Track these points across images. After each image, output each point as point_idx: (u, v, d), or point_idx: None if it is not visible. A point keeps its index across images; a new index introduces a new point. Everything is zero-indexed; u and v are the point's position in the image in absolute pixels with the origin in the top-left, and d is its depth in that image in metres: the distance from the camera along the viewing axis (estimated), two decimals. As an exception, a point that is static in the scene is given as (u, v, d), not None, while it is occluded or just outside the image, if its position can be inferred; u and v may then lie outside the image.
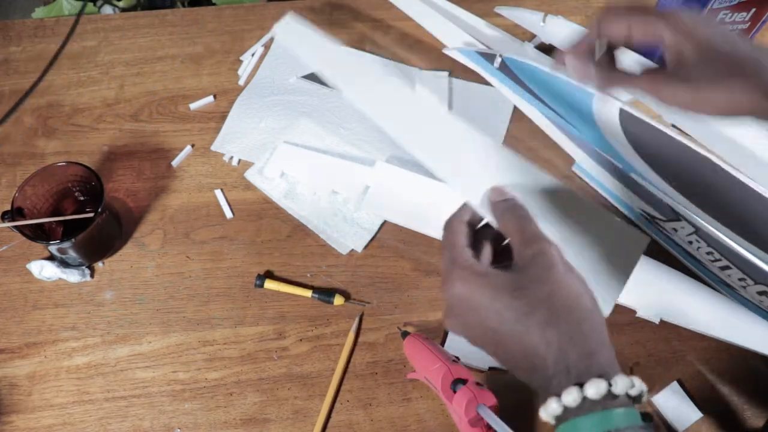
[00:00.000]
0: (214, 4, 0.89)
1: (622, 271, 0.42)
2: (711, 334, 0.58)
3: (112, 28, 0.82)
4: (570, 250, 0.38)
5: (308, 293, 0.62)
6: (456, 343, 0.60)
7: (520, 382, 0.36)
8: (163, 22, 0.82)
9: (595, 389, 0.31)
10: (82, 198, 0.65)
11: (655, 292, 0.60)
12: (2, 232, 0.66)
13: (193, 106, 0.75)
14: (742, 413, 0.58)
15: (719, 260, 0.58)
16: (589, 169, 0.66)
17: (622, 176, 0.62)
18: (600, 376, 0.32)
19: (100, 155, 0.71)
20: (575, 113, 0.61)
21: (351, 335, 0.60)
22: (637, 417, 0.32)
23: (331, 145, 0.71)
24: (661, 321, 0.59)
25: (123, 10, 0.91)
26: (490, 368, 0.59)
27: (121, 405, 0.58)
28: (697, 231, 0.58)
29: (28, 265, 0.63)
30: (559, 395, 0.32)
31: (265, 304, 0.63)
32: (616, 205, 0.67)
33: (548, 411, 0.33)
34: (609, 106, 0.57)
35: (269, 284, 0.63)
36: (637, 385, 0.33)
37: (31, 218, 0.60)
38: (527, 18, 0.72)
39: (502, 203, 0.39)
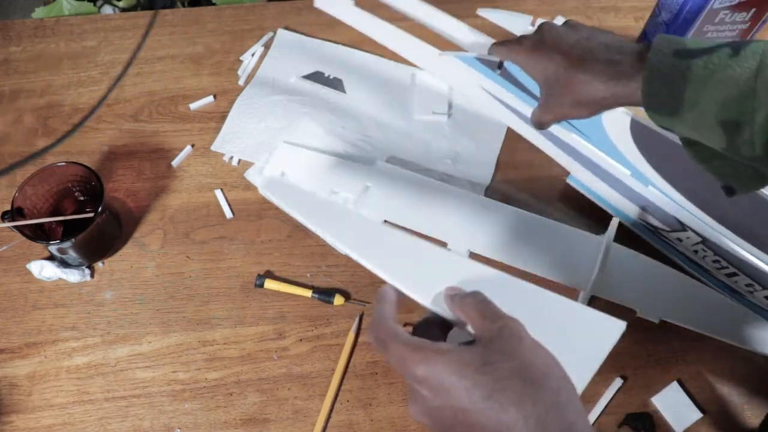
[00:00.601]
0: (214, 4, 0.89)
1: (593, 358, 0.39)
2: (711, 335, 0.58)
3: (112, 28, 0.82)
4: (540, 339, 0.36)
5: (308, 293, 0.62)
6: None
7: None
8: (163, 22, 0.82)
9: None
10: (82, 198, 0.65)
11: (655, 293, 0.60)
12: (2, 232, 0.66)
13: (193, 106, 0.75)
14: (742, 413, 0.58)
15: (726, 268, 0.58)
16: (584, 180, 0.65)
17: (624, 188, 0.61)
18: None
19: (100, 155, 0.71)
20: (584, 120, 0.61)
21: (351, 335, 0.60)
22: None
23: (331, 145, 0.71)
24: (661, 321, 0.59)
25: (123, 10, 0.91)
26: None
27: (121, 405, 0.58)
28: (704, 241, 0.57)
29: (28, 265, 0.63)
30: None
31: (265, 304, 0.63)
32: (614, 214, 0.65)
33: None
34: (618, 115, 0.56)
35: (269, 284, 0.63)
36: None
37: (31, 218, 0.60)
38: (513, 21, 0.67)
39: (461, 294, 0.38)
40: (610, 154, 0.60)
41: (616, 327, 0.39)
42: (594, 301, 0.61)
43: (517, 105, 0.62)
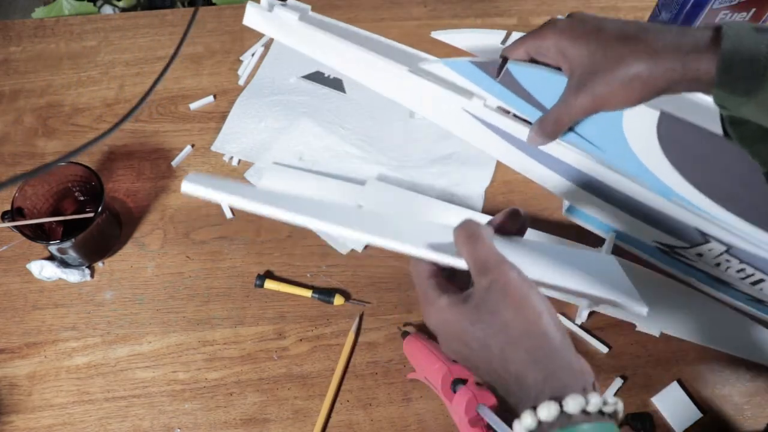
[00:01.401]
0: (214, 4, 0.89)
1: (622, 282, 0.43)
2: (712, 346, 0.58)
3: (112, 28, 0.82)
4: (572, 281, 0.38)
5: (308, 293, 0.62)
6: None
7: None
8: (163, 22, 0.82)
9: (546, 412, 0.32)
10: (82, 198, 0.65)
11: (653, 305, 0.60)
12: (2, 232, 0.66)
13: (193, 106, 0.75)
14: (742, 413, 0.58)
15: (752, 276, 0.56)
16: (584, 208, 0.60)
17: (636, 208, 0.56)
18: (554, 397, 0.32)
19: (100, 155, 0.71)
20: (597, 125, 0.54)
21: (351, 335, 0.60)
22: (608, 429, 0.33)
23: (331, 145, 0.71)
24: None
25: (123, 10, 0.91)
26: (490, 368, 0.59)
27: (121, 405, 0.58)
28: (729, 249, 0.54)
29: (28, 265, 0.63)
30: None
31: (265, 304, 0.63)
32: (621, 244, 0.61)
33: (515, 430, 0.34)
34: (644, 112, 0.49)
35: (269, 284, 0.63)
36: (610, 402, 0.33)
37: (31, 218, 0.60)
38: (481, 39, 0.57)
39: (461, 231, 0.39)
40: (627, 165, 0.54)
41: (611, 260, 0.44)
42: (593, 317, 0.61)
43: (511, 128, 0.55)
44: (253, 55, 0.79)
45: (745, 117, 0.42)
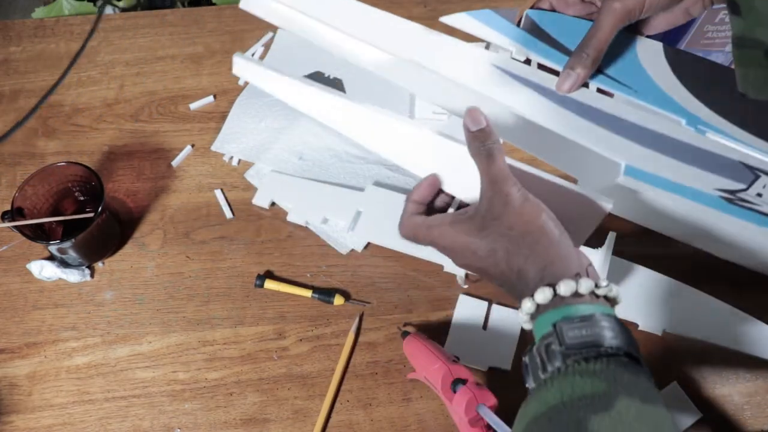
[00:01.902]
0: (214, 4, 0.89)
1: (580, 235, 0.47)
2: (714, 342, 0.58)
3: (112, 28, 0.82)
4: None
5: (308, 293, 0.62)
6: (456, 344, 0.60)
7: (520, 382, 0.39)
8: (163, 22, 0.82)
9: (542, 296, 0.37)
10: (82, 198, 0.65)
11: (655, 304, 0.60)
12: (2, 232, 0.66)
13: (193, 106, 0.75)
14: (742, 414, 0.58)
15: None
16: (642, 167, 0.52)
17: (681, 150, 0.52)
18: (550, 284, 0.38)
19: (100, 155, 0.71)
20: (621, 66, 0.53)
21: (351, 335, 0.60)
22: (601, 308, 0.37)
23: (331, 145, 0.71)
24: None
25: (123, 10, 0.91)
26: (490, 368, 0.59)
27: (121, 405, 0.58)
28: None
29: (28, 265, 0.63)
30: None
31: (265, 304, 0.63)
32: (687, 200, 0.53)
33: (519, 319, 0.40)
34: (652, 48, 0.52)
35: (269, 284, 0.63)
36: (602, 285, 0.38)
37: (31, 218, 0.60)
38: (495, 23, 0.55)
39: (475, 142, 0.44)
40: (658, 101, 0.52)
41: (600, 210, 0.46)
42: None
43: (543, 79, 0.53)
44: (253, 55, 0.79)
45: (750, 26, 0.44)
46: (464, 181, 0.47)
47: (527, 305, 0.38)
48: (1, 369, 0.59)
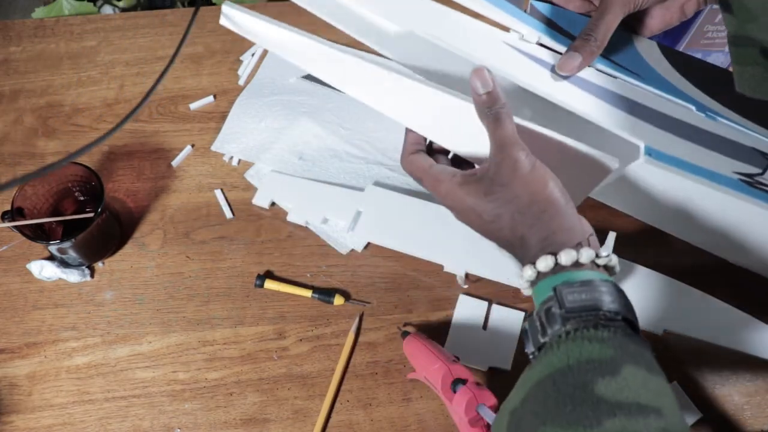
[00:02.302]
0: (214, 4, 0.89)
1: (581, 191, 0.48)
2: (715, 342, 0.58)
3: (112, 28, 0.82)
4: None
5: (308, 293, 0.62)
6: (456, 344, 0.60)
7: None
8: (163, 22, 0.82)
9: (543, 264, 0.38)
10: (82, 198, 0.65)
11: (655, 304, 0.60)
12: (2, 232, 0.66)
13: (193, 106, 0.75)
14: (741, 414, 0.58)
15: None
16: (663, 149, 0.51)
17: (702, 135, 0.52)
18: (552, 252, 0.39)
19: (100, 155, 0.71)
20: (623, 55, 0.55)
21: (351, 335, 0.60)
22: (600, 275, 0.38)
23: (331, 145, 0.71)
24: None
25: (123, 10, 0.91)
26: (490, 368, 0.59)
27: (121, 405, 0.58)
28: None
29: (28, 265, 0.63)
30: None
31: (265, 304, 0.63)
32: (708, 182, 0.51)
33: (519, 284, 0.41)
34: (649, 45, 0.53)
35: (269, 284, 0.63)
36: (602, 255, 0.39)
37: (31, 218, 0.60)
38: (500, 4, 0.55)
39: (482, 105, 0.43)
40: (664, 89, 0.53)
41: (606, 166, 0.46)
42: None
43: (551, 56, 0.54)
44: (253, 55, 0.79)
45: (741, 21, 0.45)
46: (460, 136, 0.47)
47: (528, 272, 0.39)
48: (1, 369, 0.59)
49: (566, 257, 0.38)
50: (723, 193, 0.50)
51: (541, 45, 0.55)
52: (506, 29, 0.55)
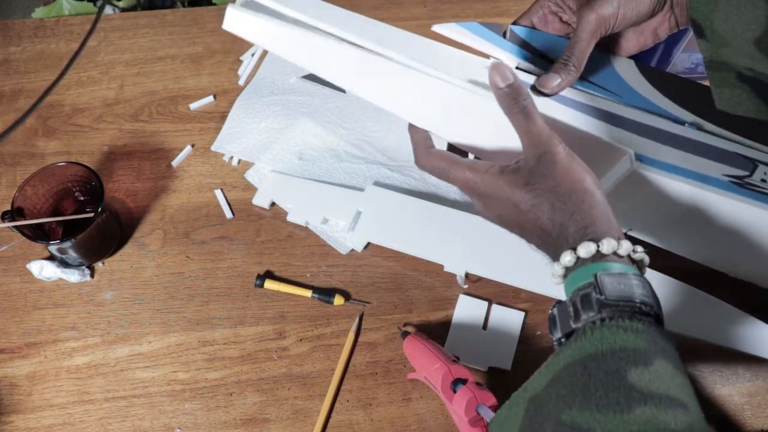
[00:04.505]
0: (214, 4, 0.89)
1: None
2: (712, 341, 0.58)
3: (112, 28, 0.82)
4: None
5: (308, 293, 0.62)
6: (456, 344, 0.60)
7: (520, 382, 0.39)
8: (163, 22, 0.82)
9: (584, 250, 0.39)
10: (82, 198, 0.65)
11: None
12: (2, 232, 0.66)
13: (193, 106, 0.75)
14: (742, 414, 0.58)
15: None
16: (652, 156, 0.53)
17: (688, 143, 0.53)
18: (593, 240, 0.39)
19: (100, 155, 0.71)
20: (602, 76, 0.56)
21: (351, 335, 0.60)
22: (633, 270, 0.39)
23: (331, 145, 0.71)
24: None
25: (123, 10, 0.91)
26: (490, 368, 0.59)
27: (121, 405, 0.58)
28: None
29: (28, 265, 0.63)
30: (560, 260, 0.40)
31: (265, 304, 0.63)
32: (701, 184, 0.52)
33: (553, 272, 0.41)
34: (626, 64, 0.54)
35: (269, 284, 0.63)
36: (639, 251, 0.40)
37: (31, 218, 0.60)
38: (479, 32, 0.56)
39: (506, 99, 0.44)
40: (645, 104, 0.55)
41: (619, 156, 0.49)
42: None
43: (526, 77, 0.55)
44: (253, 55, 0.79)
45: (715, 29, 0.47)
46: (469, 129, 0.48)
47: (567, 258, 0.39)
48: (1, 369, 0.59)
49: (607, 245, 0.39)
50: (717, 195, 0.51)
51: (519, 69, 0.56)
52: (486, 56, 0.56)
